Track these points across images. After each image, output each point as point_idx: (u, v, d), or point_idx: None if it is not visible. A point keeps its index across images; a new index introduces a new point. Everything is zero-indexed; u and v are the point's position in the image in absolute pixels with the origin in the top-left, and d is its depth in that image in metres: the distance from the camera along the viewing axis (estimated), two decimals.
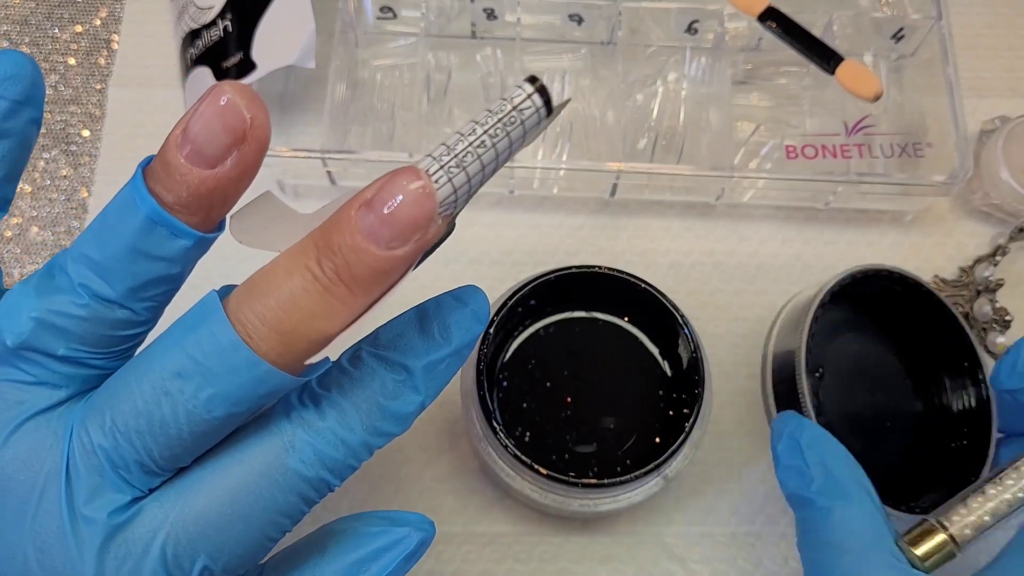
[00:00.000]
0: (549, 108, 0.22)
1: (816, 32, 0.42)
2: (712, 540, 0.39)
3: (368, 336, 0.25)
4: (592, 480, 0.34)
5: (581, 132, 0.45)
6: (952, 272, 0.44)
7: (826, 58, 0.41)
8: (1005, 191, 0.43)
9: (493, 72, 0.45)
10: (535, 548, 0.39)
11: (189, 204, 0.22)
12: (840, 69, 0.40)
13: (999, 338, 0.42)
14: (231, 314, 0.22)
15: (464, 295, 0.25)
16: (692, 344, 0.36)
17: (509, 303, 0.36)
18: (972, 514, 0.30)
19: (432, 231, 0.21)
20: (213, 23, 0.41)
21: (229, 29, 0.41)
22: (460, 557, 0.39)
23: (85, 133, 0.46)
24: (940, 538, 0.30)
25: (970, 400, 0.37)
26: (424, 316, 0.25)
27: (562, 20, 0.45)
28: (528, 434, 0.37)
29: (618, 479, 0.34)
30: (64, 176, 0.45)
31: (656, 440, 0.37)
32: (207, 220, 0.23)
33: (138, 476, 0.23)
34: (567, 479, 0.34)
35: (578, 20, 0.45)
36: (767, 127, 0.45)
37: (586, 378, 0.38)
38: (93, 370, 0.24)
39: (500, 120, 0.22)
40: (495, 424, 0.35)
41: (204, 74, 0.41)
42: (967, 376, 0.37)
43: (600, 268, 0.37)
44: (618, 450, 0.36)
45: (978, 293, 0.43)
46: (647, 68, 0.46)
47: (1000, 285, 0.43)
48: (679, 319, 0.36)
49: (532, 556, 0.39)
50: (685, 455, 0.35)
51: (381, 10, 0.45)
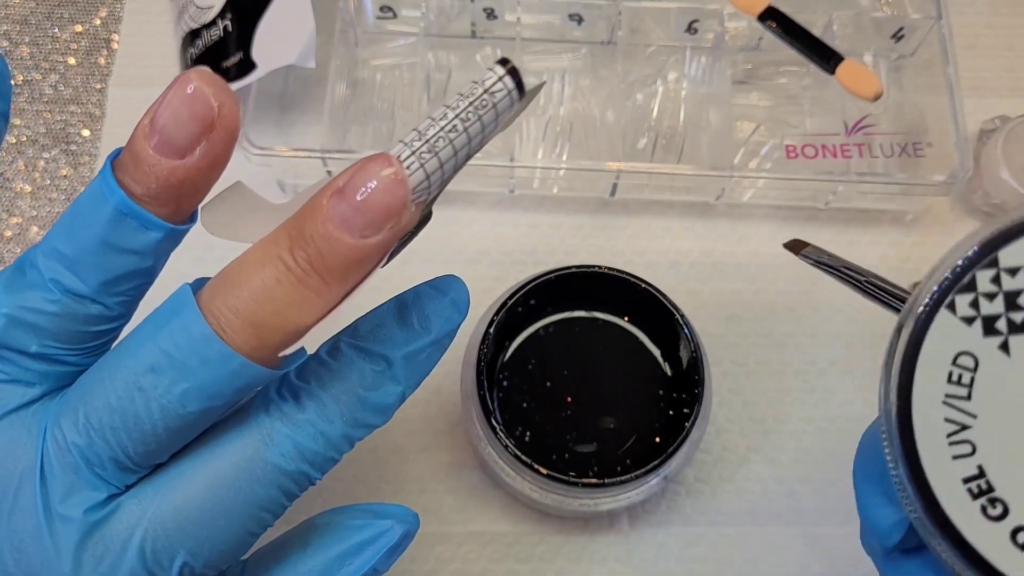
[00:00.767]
0: (521, 91, 0.22)
1: (816, 32, 0.42)
2: (711, 540, 0.39)
3: (347, 328, 0.25)
4: (592, 480, 0.34)
5: (581, 132, 0.45)
6: None
7: (826, 58, 0.41)
8: (1005, 191, 0.43)
9: (484, 70, 0.45)
10: (535, 548, 0.39)
11: (159, 195, 0.22)
12: (840, 69, 0.40)
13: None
14: (204, 307, 0.21)
15: (443, 284, 0.25)
16: (692, 344, 0.36)
17: (509, 303, 0.36)
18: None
19: (406, 218, 0.21)
20: (213, 23, 0.41)
21: (229, 29, 0.41)
22: (460, 557, 0.39)
23: (85, 133, 0.46)
24: None
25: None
26: (403, 306, 0.25)
27: (562, 20, 0.45)
28: (528, 434, 0.37)
29: (618, 479, 0.34)
30: (64, 176, 0.45)
31: (656, 440, 0.37)
32: (177, 211, 0.22)
33: (114, 473, 0.22)
34: (567, 479, 0.34)
35: (578, 20, 0.45)
36: (767, 127, 0.45)
37: (586, 378, 0.38)
38: (66, 367, 0.23)
39: (471, 104, 0.21)
40: (495, 424, 0.35)
41: None
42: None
43: (600, 268, 0.37)
44: (618, 450, 0.36)
45: None
46: (647, 68, 0.46)
47: None
48: (679, 319, 0.36)
49: (532, 556, 0.39)
50: (685, 455, 0.35)
51: (381, 10, 0.45)
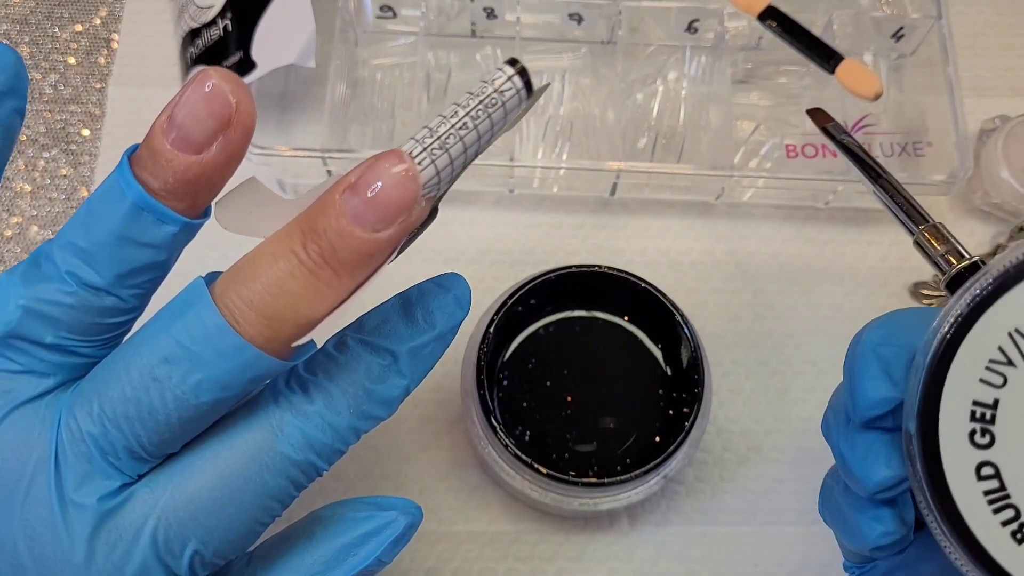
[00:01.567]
0: (529, 90, 0.22)
1: (816, 31, 0.42)
2: (711, 539, 0.39)
3: (353, 323, 0.25)
4: (592, 479, 0.34)
5: (581, 131, 0.45)
6: None
7: (826, 57, 0.41)
8: (1005, 190, 0.43)
9: (493, 69, 0.46)
10: (535, 547, 0.39)
11: (175, 190, 0.22)
12: (840, 68, 0.40)
13: None
14: (217, 299, 0.22)
15: (446, 281, 0.26)
16: (692, 343, 0.36)
17: (509, 303, 0.36)
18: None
19: (416, 213, 0.22)
20: (213, 22, 0.41)
21: (229, 28, 0.41)
22: (460, 556, 0.39)
23: (85, 132, 0.46)
24: None
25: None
26: (407, 302, 0.25)
27: (562, 19, 0.45)
28: (528, 433, 0.37)
29: (618, 478, 0.34)
30: (64, 175, 0.45)
31: (656, 439, 0.37)
32: (193, 206, 0.23)
33: (127, 462, 0.23)
34: (567, 478, 0.34)
35: (578, 19, 0.45)
36: (767, 126, 0.45)
37: (586, 377, 0.38)
38: (80, 358, 0.24)
39: (481, 102, 0.22)
40: (495, 423, 0.35)
41: None
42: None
43: (600, 267, 0.37)
44: (618, 449, 0.37)
45: None
46: (647, 67, 0.46)
47: None
48: (679, 318, 0.36)
49: (532, 555, 0.39)
50: (685, 455, 0.35)
51: (381, 9, 0.45)
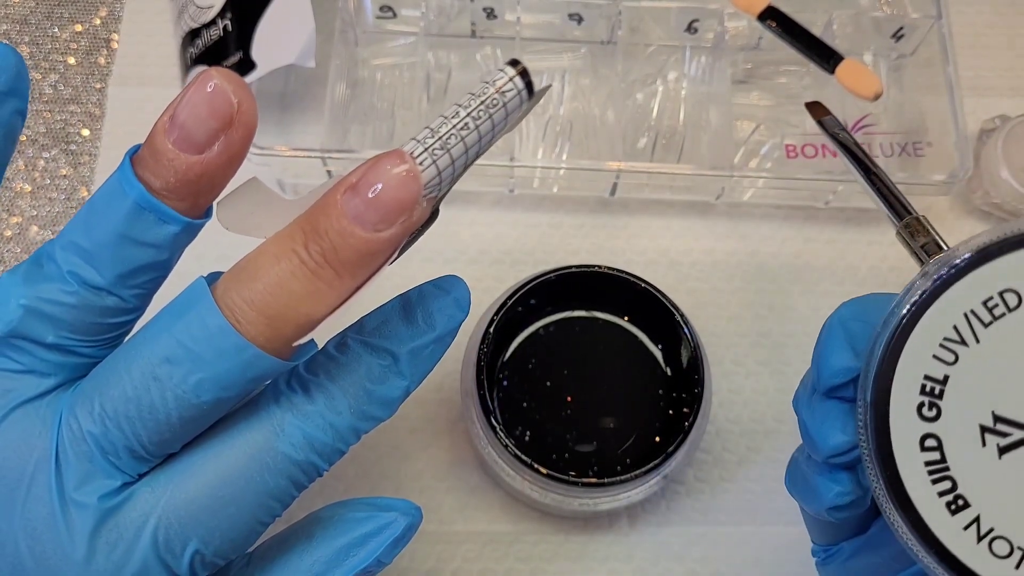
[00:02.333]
0: (531, 91, 0.22)
1: (816, 31, 0.42)
2: (711, 539, 0.39)
3: (353, 324, 0.25)
4: (592, 479, 0.34)
5: (581, 131, 0.45)
6: None
7: (826, 57, 0.41)
8: (1005, 190, 0.43)
9: (494, 70, 0.46)
10: (535, 547, 0.39)
11: (177, 189, 0.22)
12: (840, 68, 0.40)
13: None
14: (219, 299, 0.22)
15: (446, 284, 0.26)
16: (692, 343, 0.36)
17: (509, 303, 0.36)
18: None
19: (417, 213, 0.22)
20: (213, 22, 0.41)
21: (229, 28, 0.41)
22: (460, 556, 0.39)
23: (85, 132, 0.46)
24: None
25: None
26: (408, 304, 0.25)
27: (562, 19, 0.45)
28: (528, 433, 0.37)
29: (618, 478, 0.34)
30: (64, 175, 0.45)
31: (656, 440, 0.37)
32: (195, 206, 0.23)
33: (128, 462, 0.23)
34: (567, 478, 0.34)
35: (578, 19, 0.45)
36: (767, 126, 0.45)
37: (586, 377, 0.38)
38: (81, 358, 0.24)
39: (483, 103, 0.22)
40: (495, 423, 0.35)
41: None
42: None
43: (600, 267, 0.37)
44: (618, 449, 0.37)
45: None
46: (647, 67, 0.46)
47: None
48: (679, 318, 0.36)
49: (532, 555, 0.39)
50: (685, 455, 0.35)
51: (381, 9, 0.45)
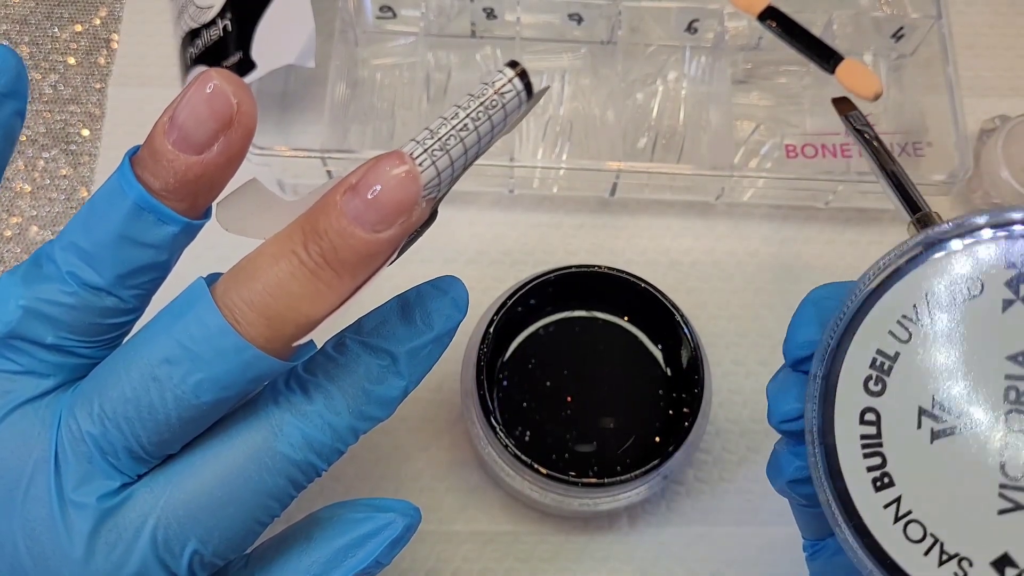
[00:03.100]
0: (530, 92, 0.23)
1: (816, 31, 0.42)
2: (711, 540, 0.39)
3: (352, 324, 0.25)
4: (592, 479, 0.34)
5: (581, 131, 0.45)
6: None
7: (826, 57, 0.41)
8: (1005, 190, 0.43)
9: (493, 71, 0.46)
10: (535, 547, 0.39)
11: (176, 190, 0.22)
12: (840, 68, 0.40)
13: None
14: (218, 300, 0.22)
15: (443, 284, 0.26)
16: (692, 343, 0.36)
17: (509, 303, 0.36)
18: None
19: (416, 214, 0.22)
20: (213, 22, 0.41)
21: (229, 28, 0.41)
22: (460, 556, 0.39)
23: (85, 133, 0.46)
24: None
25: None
26: (406, 304, 0.25)
27: (562, 19, 0.45)
28: (528, 433, 0.37)
29: (618, 479, 0.34)
30: (64, 176, 0.45)
31: (656, 440, 0.37)
32: (194, 207, 0.23)
33: (127, 462, 0.23)
34: (567, 478, 0.34)
35: (578, 19, 0.45)
36: (767, 126, 0.45)
37: (586, 378, 0.38)
38: (80, 359, 0.24)
39: (482, 104, 0.22)
40: (495, 423, 0.35)
41: None
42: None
43: (600, 267, 0.37)
44: (618, 450, 0.37)
45: None
46: (647, 67, 0.46)
47: None
48: (679, 318, 0.36)
49: (532, 555, 0.39)
50: (685, 455, 0.35)
51: (381, 9, 0.45)
